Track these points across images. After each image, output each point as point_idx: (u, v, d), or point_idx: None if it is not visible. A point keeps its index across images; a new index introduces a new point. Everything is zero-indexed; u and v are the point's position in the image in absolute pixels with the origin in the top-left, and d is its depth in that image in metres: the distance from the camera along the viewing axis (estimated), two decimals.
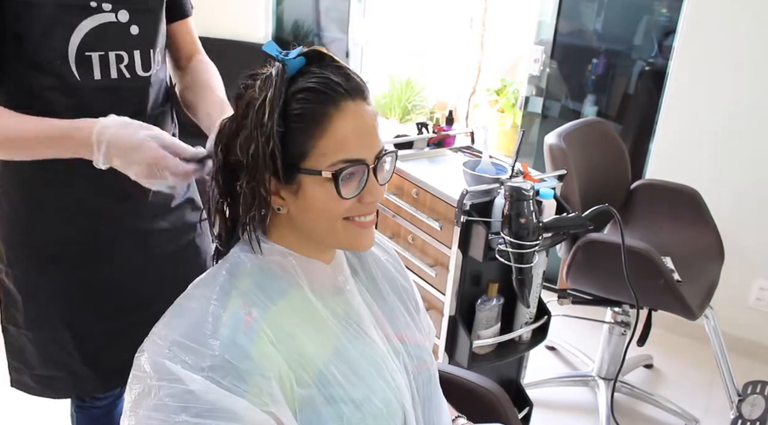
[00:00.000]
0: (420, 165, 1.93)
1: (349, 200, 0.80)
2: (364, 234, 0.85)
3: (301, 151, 0.78)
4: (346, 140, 0.78)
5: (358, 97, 0.80)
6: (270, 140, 0.77)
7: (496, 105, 4.40)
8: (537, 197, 1.58)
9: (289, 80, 0.79)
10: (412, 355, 0.95)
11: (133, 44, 1.11)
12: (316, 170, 0.78)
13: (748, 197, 2.45)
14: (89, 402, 1.41)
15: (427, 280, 1.85)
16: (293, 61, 0.79)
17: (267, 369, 0.75)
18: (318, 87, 0.78)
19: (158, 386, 0.72)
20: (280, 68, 0.78)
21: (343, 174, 0.78)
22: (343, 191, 0.79)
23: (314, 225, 0.83)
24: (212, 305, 0.79)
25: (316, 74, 0.79)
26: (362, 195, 0.81)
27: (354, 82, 0.80)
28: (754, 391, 2.02)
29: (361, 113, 0.80)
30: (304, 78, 0.79)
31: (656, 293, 1.88)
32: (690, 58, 2.44)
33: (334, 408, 0.79)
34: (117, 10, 1.08)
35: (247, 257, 0.84)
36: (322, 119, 0.77)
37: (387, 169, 0.85)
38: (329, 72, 0.79)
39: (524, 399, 1.95)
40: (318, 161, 0.78)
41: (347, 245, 0.86)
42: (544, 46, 2.82)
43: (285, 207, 0.83)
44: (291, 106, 0.78)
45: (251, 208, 0.81)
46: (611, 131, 2.35)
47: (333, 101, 0.78)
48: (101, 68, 1.08)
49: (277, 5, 3.37)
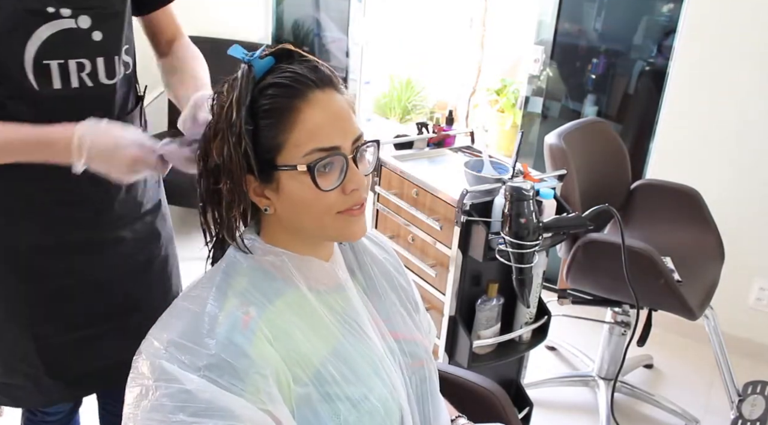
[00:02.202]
0: (420, 165, 1.93)
1: (333, 193, 0.80)
2: (354, 222, 0.84)
3: (273, 145, 0.79)
4: (317, 128, 0.79)
5: (327, 86, 0.81)
6: (241, 139, 0.78)
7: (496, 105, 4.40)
8: (537, 197, 1.58)
9: (259, 80, 0.80)
10: (406, 352, 0.94)
11: (95, 51, 1.05)
12: (291, 164, 0.79)
13: (749, 197, 2.45)
14: (40, 416, 1.36)
15: (427, 280, 1.85)
16: (260, 61, 0.80)
17: (264, 368, 0.75)
18: (284, 81, 0.79)
19: (155, 386, 0.72)
20: (245, 69, 0.80)
21: (319, 165, 0.78)
22: (322, 182, 0.79)
23: (301, 222, 0.83)
24: (209, 305, 0.79)
25: (284, 70, 0.80)
26: (344, 185, 0.81)
27: (322, 73, 0.81)
28: (755, 391, 2.02)
29: (331, 101, 0.80)
30: (272, 75, 0.80)
31: (656, 294, 1.88)
32: (690, 58, 2.44)
33: (331, 406, 0.79)
34: (77, 15, 1.02)
35: (242, 257, 0.84)
36: (290, 112, 0.78)
37: (368, 159, 0.85)
38: (296, 67, 0.80)
39: (524, 399, 1.95)
40: (291, 154, 0.79)
41: (338, 236, 0.86)
42: (544, 46, 2.82)
43: (271, 207, 0.83)
44: (259, 103, 0.79)
45: (231, 209, 0.82)
46: (611, 131, 2.35)
47: (300, 93, 0.79)
48: (61, 77, 1.03)
49: (277, 5, 3.37)
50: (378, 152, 0.88)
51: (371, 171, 0.86)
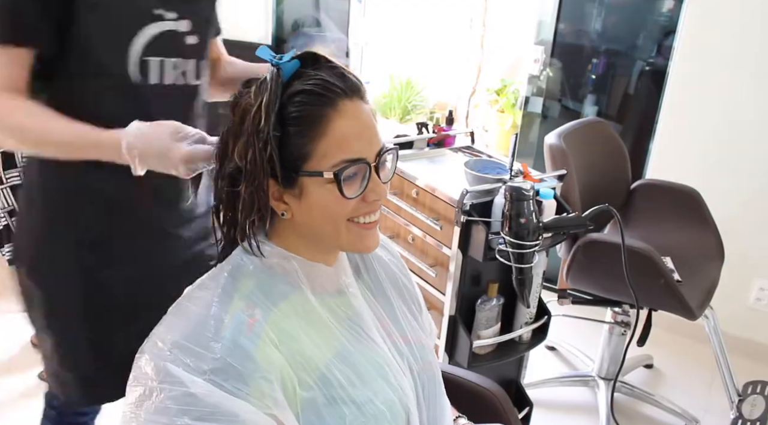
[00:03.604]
0: (420, 165, 1.93)
1: (353, 200, 0.80)
2: (368, 236, 0.84)
3: (301, 154, 0.78)
4: (345, 139, 0.78)
5: (355, 96, 0.80)
6: (267, 145, 0.77)
7: (496, 105, 4.40)
8: (537, 197, 1.58)
9: (285, 84, 0.78)
10: (417, 356, 0.94)
11: (189, 53, 1.16)
12: (318, 171, 0.78)
13: (749, 197, 2.45)
14: (71, 417, 1.38)
15: (427, 280, 1.85)
16: (287, 64, 0.79)
17: (269, 372, 0.74)
18: (314, 89, 0.78)
19: (160, 388, 0.72)
20: (275, 73, 0.78)
21: (345, 174, 0.78)
22: (346, 191, 0.78)
23: (319, 228, 0.83)
24: (214, 307, 0.78)
25: (312, 76, 0.79)
26: (365, 194, 0.81)
27: (350, 82, 0.80)
28: (755, 391, 2.02)
29: (359, 111, 0.80)
30: (299, 81, 0.79)
31: (656, 294, 1.88)
32: (690, 58, 2.44)
33: (336, 410, 0.79)
34: (180, 19, 1.12)
35: (249, 260, 0.84)
36: (320, 121, 0.77)
37: (389, 167, 0.85)
38: (324, 73, 0.79)
39: (524, 399, 1.95)
40: (319, 162, 0.78)
41: (351, 247, 0.86)
42: (544, 46, 2.82)
43: (289, 212, 0.83)
44: (287, 109, 0.78)
45: (250, 213, 0.81)
46: (611, 131, 2.35)
47: (330, 102, 0.78)
48: (159, 73, 1.12)
49: (277, 5, 3.37)
50: (397, 159, 0.87)
51: (391, 178, 0.86)
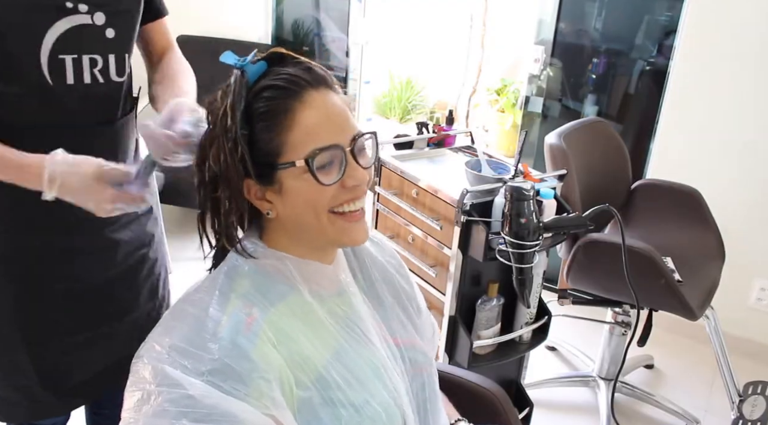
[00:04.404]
0: (420, 165, 1.93)
1: (332, 188, 0.80)
2: (353, 228, 0.84)
3: (271, 148, 0.79)
4: (314, 128, 0.79)
5: (322, 86, 0.81)
6: (237, 145, 0.78)
7: (497, 105, 4.40)
8: (537, 197, 1.58)
9: (252, 84, 0.80)
10: (406, 358, 0.94)
11: (108, 48, 1.08)
12: (291, 161, 0.78)
13: (749, 197, 2.45)
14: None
15: (427, 280, 1.85)
16: (253, 66, 0.80)
17: (267, 372, 0.74)
18: (278, 83, 0.79)
19: (158, 392, 0.72)
20: (239, 74, 0.79)
21: (318, 161, 0.78)
22: (322, 178, 0.79)
23: (303, 222, 0.83)
24: (211, 308, 0.78)
25: (277, 73, 0.80)
26: (344, 180, 0.81)
27: (316, 73, 0.81)
28: (755, 391, 2.02)
29: (326, 100, 0.80)
30: (265, 79, 0.80)
31: (657, 294, 1.88)
32: (690, 58, 2.44)
33: (333, 410, 0.79)
34: (93, 11, 1.04)
35: (243, 261, 0.84)
36: (286, 113, 0.78)
37: (369, 153, 0.85)
38: (290, 68, 0.80)
39: (524, 399, 1.95)
40: (291, 155, 0.79)
41: (339, 240, 0.85)
42: (545, 46, 2.82)
43: (274, 210, 0.83)
44: (254, 106, 0.79)
45: (230, 215, 0.82)
46: (611, 130, 2.35)
47: (295, 94, 0.79)
48: (75, 72, 1.04)
49: (277, 5, 3.37)
50: (377, 145, 0.87)
51: (372, 164, 0.85)
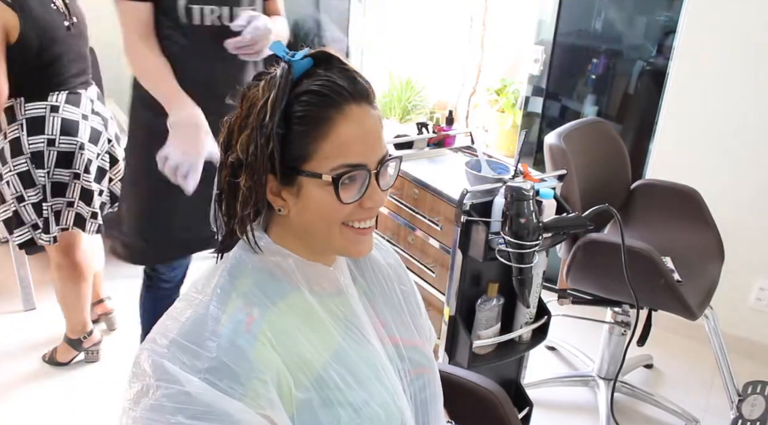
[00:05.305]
0: (420, 165, 1.93)
1: (349, 205, 0.80)
2: (361, 241, 0.84)
3: (302, 153, 0.78)
4: (348, 144, 0.77)
5: (363, 101, 0.79)
6: (269, 141, 0.77)
7: (496, 105, 4.40)
8: (537, 197, 1.58)
9: (294, 82, 0.78)
10: (406, 358, 0.94)
11: (222, 1, 1.58)
12: (317, 173, 0.78)
13: (749, 197, 2.45)
14: (156, 282, 1.87)
15: (427, 280, 1.85)
16: (300, 62, 0.78)
17: (264, 373, 0.74)
18: (322, 90, 0.77)
19: (156, 386, 0.72)
20: (286, 69, 0.78)
21: (344, 179, 0.77)
22: (343, 195, 0.78)
23: (313, 228, 0.83)
24: (212, 306, 0.78)
25: (322, 77, 0.78)
26: (362, 200, 0.80)
27: (360, 86, 0.79)
28: (755, 391, 2.02)
29: (365, 117, 0.79)
30: (309, 80, 0.78)
31: (656, 294, 1.88)
32: (690, 58, 2.44)
33: (332, 411, 0.79)
34: None
35: (248, 257, 0.84)
36: (324, 123, 0.77)
37: (390, 174, 0.85)
38: (335, 74, 0.78)
39: (524, 399, 1.95)
40: (319, 164, 0.78)
41: (344, 250, 0.85)
42: (544, 46, 2.82)
43: (286, 209, 0.82)
44: (294, 108, 0.77)
45: (247, 206, 0.81)
46: (611, 130, 2.35)
47: (336, 105, 0.77)
48: (200, 17, 1.58)
49: None
50: (399, 167, 0.87)
51: (391, 185, 0.85)
